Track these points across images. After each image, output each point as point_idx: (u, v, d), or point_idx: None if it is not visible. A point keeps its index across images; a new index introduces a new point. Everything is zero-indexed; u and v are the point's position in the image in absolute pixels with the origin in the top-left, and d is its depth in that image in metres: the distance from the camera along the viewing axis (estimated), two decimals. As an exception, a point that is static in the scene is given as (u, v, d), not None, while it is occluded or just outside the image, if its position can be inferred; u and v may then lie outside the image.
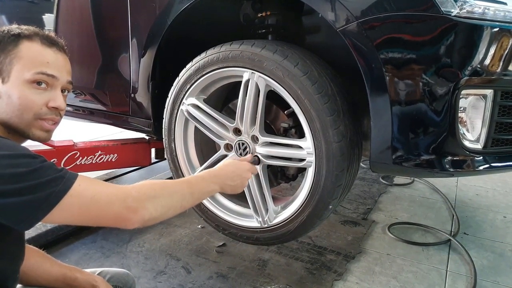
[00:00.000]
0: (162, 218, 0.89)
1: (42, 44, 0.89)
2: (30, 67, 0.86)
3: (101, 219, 0.81)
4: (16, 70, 0.85)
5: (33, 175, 0.72)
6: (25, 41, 0.87)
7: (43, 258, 1.07)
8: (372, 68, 1.19)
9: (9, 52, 0.85)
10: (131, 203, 0.82)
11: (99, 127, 3.08)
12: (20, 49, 0.86)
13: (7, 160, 0.71)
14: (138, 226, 0.83)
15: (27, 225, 0.73)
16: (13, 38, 0.86)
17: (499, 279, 1.71)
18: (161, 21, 1.59)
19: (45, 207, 0.73)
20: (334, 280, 1.65)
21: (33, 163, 0.74)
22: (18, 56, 0.85)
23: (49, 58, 0.89)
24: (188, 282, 1.63)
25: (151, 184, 0.90)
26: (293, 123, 1.49)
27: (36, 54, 0.87)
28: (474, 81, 1.14)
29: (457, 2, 1.10)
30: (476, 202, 2.55)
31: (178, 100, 1.59)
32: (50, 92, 0.89)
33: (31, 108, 0.86)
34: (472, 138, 1.21)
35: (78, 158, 2.02)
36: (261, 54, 1.35)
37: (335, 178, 1.34)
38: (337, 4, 1.21)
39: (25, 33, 0.88)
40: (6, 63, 0.85)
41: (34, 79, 0.86)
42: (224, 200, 1.66)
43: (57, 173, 0.76)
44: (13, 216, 0.72)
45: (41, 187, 0.72)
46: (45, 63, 0.88)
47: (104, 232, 2.03)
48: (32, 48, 0.87)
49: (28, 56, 0.86)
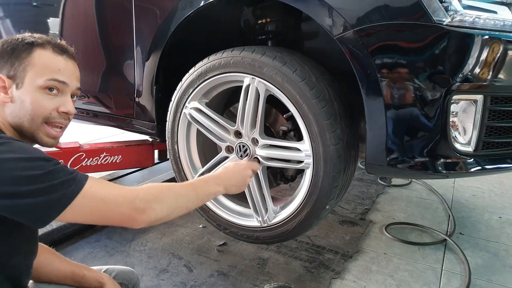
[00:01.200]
0: (167, 218, 0.93)
1: (53, 52, 0.93)
2: (43, 74, 0.90)
3: (109, 219, 0.86)
4: (29, 77, 0.89)
5: (47, 177, 0.77)
6: (38, 49, 0.91)
7: (53, 255, 1.11)
8: (367, 74, 1.24)
9: (23, 59, 0.89)
10: (139, 204, 0.86)
11: (101, 129, 3.13)
12: (33, 56, 0.90)
13: (23, 162, 0.76)
14: (144, 226, 0.88)
15: (42, 223, 0.78)
16: (27, 46, 0.90)
17: (493, 277, 1.75)
18: (165, 27, 1.64)
19: (58, 207, 0.77)
20: (332, 279, 1.70)
21: (46, 165, 0.78)
22: (31, 64, 0.90)
23: (60, 65, 0.93)
24: (190, 280, 1.67)
25: (157, 187, 0.94)
26: (291, 126, 1.53)
27: (48, 62, 0.91)
28: (465, 87, 1.18)
29: (449, 11, 1.14)
30: (472, 203, 2.59)
31: (181, 103, 1.64)
32: (61, 97, 0.93)
33: (42, 113, 0.90)
34: (464, 141, 1.25)
35: (83, 160, 2.07)
36: (261, 60, 1.40)
37: (332, 179, 1.38)
38: (334, 12, 1.26)
39: (38, 41, 0.92)
40: (20, 69, 0.89)
41: (46, 85, 0.90)
42: (225, 200, 1.71)
43: (69, 175, 0.80)
44: (29, 215, 0.76)
45: (54, 189, 0.77)
46: (56, 70, 0.92)
47: (108, 231, 2.08)
48: (44, 56, 0.91)
49: (41, 63, 0.90)
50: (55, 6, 2.09)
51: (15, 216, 0.76)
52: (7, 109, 0.89)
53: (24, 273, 0.95)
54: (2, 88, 0.89)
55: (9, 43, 0.91)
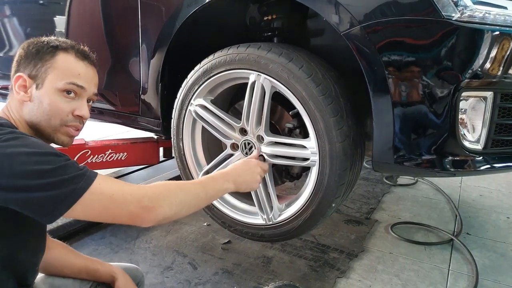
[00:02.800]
0: (176, 217, 0.93)
1: (76, 57, 0.96)
2: (63, 77, 0.93)
3: (117, 217, 0.86)
4: (50, 79, 0.92)
5: (58, 172, 0.77)
6: (61, 52, 0.94)
7: (66, 250, 1.13)
8: (374, 71, 1.23)
9: (46, 61, 0.92)
10: (147, 203, 0.86)
11: (106, 126, 3.14)
12: (56, 60, 0.93)
13: (35, 157, 0.77)
14: (152, 224, 0.88)
15: (51, 218, 0.78)
16: (51, 49, 0.93)
17: (500, 278, 1.73)
18: (170, 24, 1.63)
19: (67, 202, 0.77)
20: (337, 278, 1.68)
21: (58, 160, 0.79)
22: (53, 66, 0.92)
23: (81, 70, 0.96)
24: (194, 278, 1.67)
25: (166, 185, 0.94)
26: (297, 123, 1.52)
27: (70, 66, 0.94)
28: (474, 84, 1.16)
29: (458, 6, 1.13)
30: (480, 203, 2.57)
31: (186, 101, 1.63)
32: (77, 101, 0.96)
33: (58, 115, 0.93)
34: (473, 139, 1.23)
35: (89, 156, 2.07)
36: (267, 56, 1.39)
37: (338, 177, 1.37)
38: (340, 8, 1.24)
39: (62, 45, 0.95)
40: (42, 71, 0.92)
41: (65, 88, 0.93)
42: (230, 198, 1.70)
43: (79, 171, 0.81)
44: (38, 209, 0.77)
45: (64, 183, 0.77)
46: (76, 75, 0.95)
47: (113, 229, 2.08)
48: (66, 60, 0.94)
49: (62, 67, 0.93)
50: (61, 4, 2.10)
51: (26, 210, 0.77)
52: (25, 107, 0.91)
53: (30, 270, 0.95)
54: (22, 87, 0.91)
55: (34, 45, 0.94)
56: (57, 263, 1.09)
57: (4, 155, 0.74)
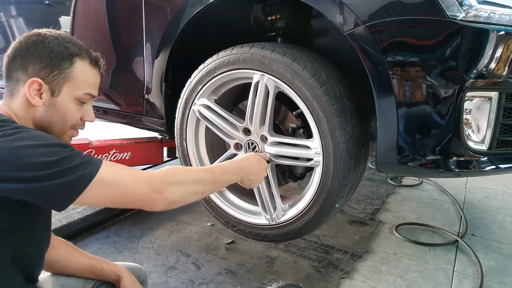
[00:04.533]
0: (183, 202, 0.95)
1: (90, 65, 0.97)
2: (81, 87, 0.94)
3: (128, 201, 0.87)
4: (68, 87, 0.92)
5: (64, 162, 0.78)
6: (78, 60, 0.94)
7: (71, 249, 1.13)
8: (378, 71, 1.22)
9: (64, 69, 0.92)
10: (157, 186, 0.88)
11: (111, 126, 3.15)
12: (74, 68, 0.93)
13: (42, 149, 0.78)
14: (162, 208, 0.90)
15: (62, 205, 0.79)
16: (68, 56, 0.93)
17: (505, 280, 1.72)
18: (174, 24, 1.63)
19: (77, 188, 0.79)
20: (341, 278, 1.68)
21: (64, 151, 0.80)
22: (72, 75, 0.93)
23: (96, 80, 0.98)
24: (198, 278, 1.67)
25: (175, 169, 0.96)
26: (301, 123, 1.52)
27: (87, 76, 0.95)
28: (479, 84, 1.16)
29: (463, 6, 1.12)
30: (485, 204, 2.55)
31: (190, 100, 1.63)
32: (85, 107, 0.98)
33: (71, 121, 0.95)
34: (477, 140, 1.23)
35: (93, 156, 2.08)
36: (270, 56, 1.39)
37: (342, 178, 1.37)
38: (344, 8, 1.24)
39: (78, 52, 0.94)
40: (59, 78, 0.91)
41: (80, 98, 0.95)
42: (233, 197, 1.70)
43: (84, 158, 0.82)
44: (49, 198, 0.78)
45: (71, 171, 0.78)
46: (92, 85, 0.97)
47: (117, 228, 2.09)
48: (84, 69, 0.95)
49: (80, 76, 0.94)
50: (67, 4, 2.11)
51: (37, 200, 0.78)
52: (37, 110, 0.91)
53: (36, 264, 0.96)
54: (36, 91, 0.90)
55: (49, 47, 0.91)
56: (62, 262, 1.09)
57: (11, 148, 0.75)
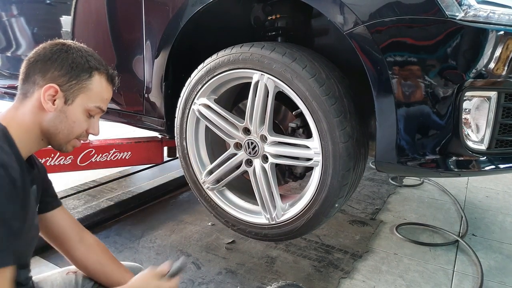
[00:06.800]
0: None
1: (107, 81, 0.99)
2: (94, 100, 0.95)
3: None
4: (82, 98, 0.93)
5: None
6: (97, 74, 0.96)
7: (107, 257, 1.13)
8: (378, 70, 1.22)
9: (82, 80, 0.93)
10: None
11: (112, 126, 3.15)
12: (92, 81, 0.94)
13: None
14: None
15: None
16: (88, 68, 0.94)
17: (506, 280, 1.71)
18: (174, 23, 1.64)
19: None
20: (341, 278, 1.68)
21: None
22: (88, 88, 0.94)
23: (108, 95, 1.00)
24: (198, 277, 1.67)
25: None
26: (301, 123, 1.52)
27: (102, 90, 0.97)
28: (478, 83, 1.15)
29: (462, 6, 1.12)
30: (486, 204, 2.55)
31: (190, 100, 1.64)
32: (93, 120, 0.99)
33: (77, 131, 0.96)
34: (476, 139, 1.22)
35: (93, 156, 2.08)
36: (270, 56, 1.39)
37: (342, 178, 1.37)
38: (344, 8, 1.24)
39: (98, 66, 0.96)
40: (76, 88, 0.93)
41: (91, 110, 0.96)
42: (233, 196, 1.70)
43: None
44: None
45: None
46: (104, 99, 0.98)
47: (118, 228, 2.09)
48: (100, 84, 0.96)
49: (96, 90, 0.95)
50: (68, 3, 2.11)
51: None
52: (47, 116, 0.91)
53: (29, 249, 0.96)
54: (51, 97, 0.90)
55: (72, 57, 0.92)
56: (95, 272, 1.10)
57: None
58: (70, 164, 2.05)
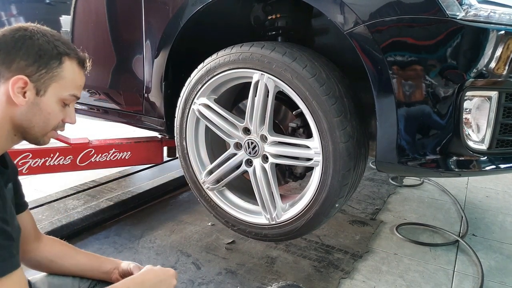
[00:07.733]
0: None
1: (78, 66, 0.93)
2: (68, 88, 0.90)
3: None
4: (54, 87, 0.88)
5: None
6: (67, 60, 0.89)
7: (66, 247, 1.12)
8: (378, 70, 1.22)
9: (52, 69, 0.87)
10: None
11: (111, 126, 3.15)
12: (63, 68, 0.88)
13: None
14: None
15: None
16: (57, 54, 0.88)
17: (506, 280, 1.71)
18: (174, 23, 1.63)
19: None
20: (341, 278, 1.67)
21: None
22: (60, 76, 0.88)
23: (82, 81, 0.94)
24: (198, 278, 1.66)
25: None
26: (301, 123, 1.52)
27: (74, 77, 0.91)
28: (479, 83, 1.16)
29: (463, 5, 1.12)
30: (486, 204, 2.54)
31: (190, 99, 1.63)
32: (67, 109, 0.94)
33: (53, 122, 0.91)
34: (477, 139, 1.22)
35: (93, 156, 2.08)
36: (270, 56, 1.39)
37: (342, 178, 1.36)
38: (345, 7, 1.24)
39: (67, 51, 0.90)
40: (47, 77, 0.87)
41: (65, 99, 0.91)
42: (233, 197, 1.70)
43: None
44: None
45: None
46: (78, 86, 0.93)
47: (117, 228, 2.09)
48: (72, 70, 0.91)
49: (68, 77, 0.90)
50: (67, 3, 2.11)
51: None
52: (18, 110, 0.86)
53: None
54: (21, 89, 0.85)
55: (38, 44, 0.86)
56: (59, 260, 1.08)
57: None
58: (70, 164, 2.04)
